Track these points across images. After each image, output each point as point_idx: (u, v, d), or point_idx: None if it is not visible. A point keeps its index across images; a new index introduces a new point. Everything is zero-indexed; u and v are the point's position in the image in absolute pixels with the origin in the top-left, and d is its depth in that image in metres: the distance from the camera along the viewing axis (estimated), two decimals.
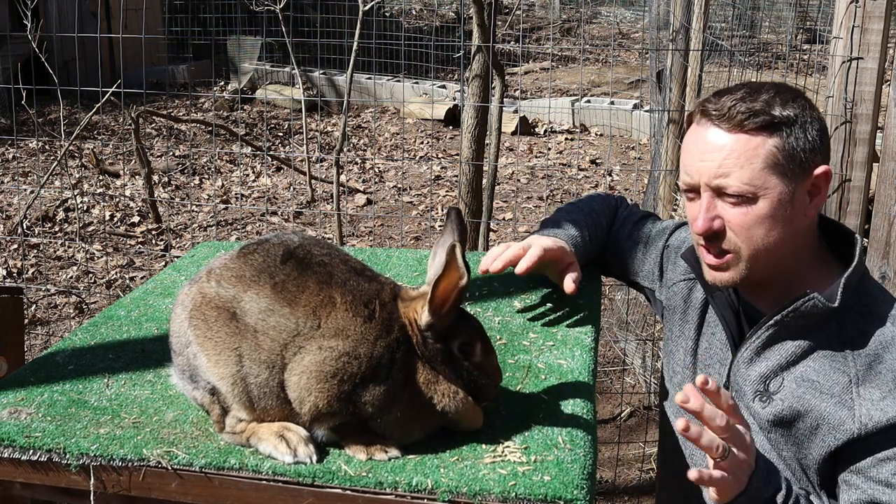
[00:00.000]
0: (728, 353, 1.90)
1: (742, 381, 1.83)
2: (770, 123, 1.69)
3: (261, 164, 8.93)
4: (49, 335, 5.50)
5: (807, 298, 1.71)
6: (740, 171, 1.69)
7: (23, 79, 6.31)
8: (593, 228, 2.17)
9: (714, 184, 1.73)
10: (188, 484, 1.44)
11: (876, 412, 1.65)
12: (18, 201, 7.59)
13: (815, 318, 1.73)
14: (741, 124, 1.70)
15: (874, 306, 1.76)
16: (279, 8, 6.93)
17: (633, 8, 17.10)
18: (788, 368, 1.77)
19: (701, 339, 1.99)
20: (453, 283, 1.42)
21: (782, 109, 1.70)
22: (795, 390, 1.74)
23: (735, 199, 1.72)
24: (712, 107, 1.74)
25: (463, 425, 1.50)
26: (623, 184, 8.64)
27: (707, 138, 1.74)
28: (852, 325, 1.73)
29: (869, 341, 1.72)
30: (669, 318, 2.09)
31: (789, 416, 1.74)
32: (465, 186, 4.52)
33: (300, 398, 1.44)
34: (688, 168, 1.79)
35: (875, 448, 1.66)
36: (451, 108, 10.62)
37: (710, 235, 1.76)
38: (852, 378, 1.70)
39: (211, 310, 1.49)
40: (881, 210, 3.05)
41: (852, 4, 3.00)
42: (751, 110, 1.69)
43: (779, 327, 1.77)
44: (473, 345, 1.50)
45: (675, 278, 2.08)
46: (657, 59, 6.06)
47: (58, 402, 1.62)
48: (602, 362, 5.04)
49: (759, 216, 1.71)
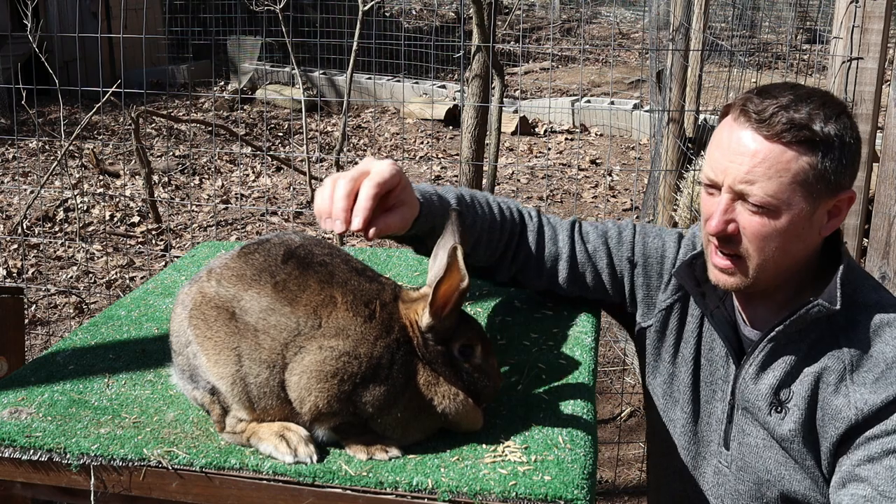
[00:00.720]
0: (730, 368, 1.89)
1: (753, 398, 1.81)
2: (809, 140, 1.64)
3: (261, 164, 8.93)
4: (49, 335, 5.50)
5: (811, 306, 1.70)
6: (767, 181, 1.65)
7: (23, 79, 6.32)
8: (471, 208, 1.88)
9: (738, 188, 1.68)
10: (189, 484, 1.44)
11: (871, 395, 1.66)
12: (18, 201, 7.59)
13: (815, 321, 1.74)
14: (779, 135, 1.64)
15: (860, 294, 1.75)
16: (279, 8, 6.93)
17: (633, 8, 17.10)
18: (795, 374, 1.76)
19: (701, 359, 1.96)
20: (454, 285, 1.42)
21: (824, 126, 1.64)
22: (804, 392, 1.74)
23: (756, 207, 1.68)
24: (753, 108, 1.67)
25: (463, 427, 1.50)
26: (623, 184, 8.64)
27: (741, 139, 1.68)
28: (842, 315, 1.72)
29: (859, 328, 1.72)
30: (656, 340, 2.01)
31: (806, 420, 1.74)
32: (465, 186, 4.52)
33: (300, 398, 1.44)
34: (714, 164, 1.73)
35: (866, 428, 1.66)
36: (451, 108, 10.62)
37: (722, 237, 1.74)
38: (847, 365, 1.70)
39: (211, 309, 1.49)
40: (881, 210, 3.05)
41: (852, 4, 3.01)
42: (792, 122, 1.63)
43: (780, 336, 1.76)
44: (474, 347, 1.50)
45: (664, 299, 2.00)
46: (657, 59, 6.06)
47: (58, 402, 1.62)
48: (602, 362, 5.04)
49: (776, 229, 1.68)
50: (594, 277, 1.99)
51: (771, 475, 1.82)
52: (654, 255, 2.00)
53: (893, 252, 3.04)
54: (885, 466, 1.62)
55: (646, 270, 2.00)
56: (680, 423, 1.99)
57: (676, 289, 1.97)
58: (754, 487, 1.86)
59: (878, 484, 1.61)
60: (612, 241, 2.00)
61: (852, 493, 1.63)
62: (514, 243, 1.96)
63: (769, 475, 1.82)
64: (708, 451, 1.96)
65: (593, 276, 1.99)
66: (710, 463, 1.96)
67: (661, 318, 1.99)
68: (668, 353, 2.00)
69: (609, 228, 2.03)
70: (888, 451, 1.63)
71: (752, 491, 1.87)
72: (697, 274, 1.90)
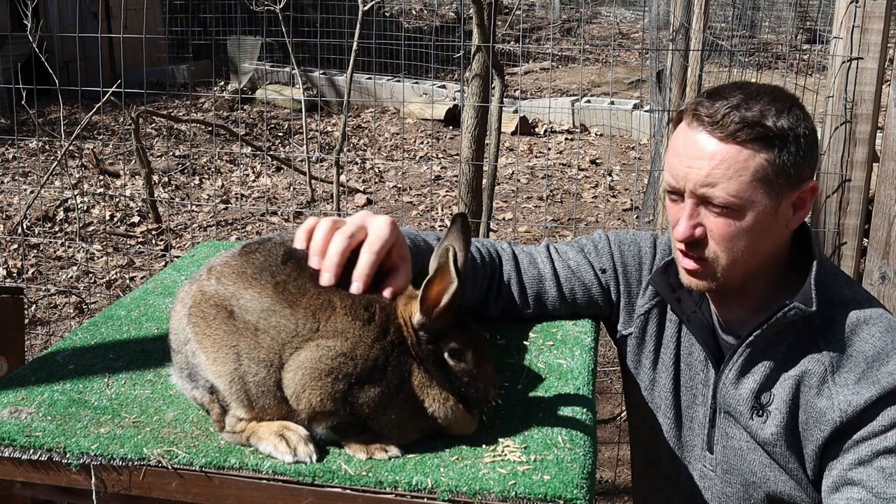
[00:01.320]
0: (710, 373, 1.89)
1: (734, 402, 1.81)
2: (763, 136, 1.64)
3: (261, 164, 8.93)
4: (49, 335, 5.50)
5: (787, 309, 1.69)
6: (728, 182, 1.65)
7: (23, 79, 6.31)
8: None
9: (700, 192, 1.69)
10: (188, 483, 1.44)
11: (853, 396, 1.66)
12: (18, 201, 7.59)
13: (791, 323, 1.73)
14: (734, 135, 1.64)
15: (834, 293, 1.75)
16: (279, 8, 6.93)
17: (633, 8, 17.10)
18: (775, 377, 1.76)
19: (681, 363, 1.95)
20: (444, 286, 1.42)
21: (776, 120, 1.65)
22: (785, 395, 1.74)
23: (720, 209, 1.68)
24: (705, 112, 1.68)
25: (453, 431, 1.49)
26: (623, 184, 8.64)
27: (697, 143, 1.69)
28: (818, 315, 1.71)
29: (836, 328, 1.72)
30: (636, 347, 2.01)
31: (788, 423, 1.74)
32: (465, 186, 4.52)
33: (296, 395, 1.44)
34: (674, 171, 1.74)
35: (852, 431, 1.66)
36: (451, 108, 10.62)
37: (691, 242, 1.74)
38: (827, 366, 1.70)
39: (210, 307, 1.49)
40: (881, 210, 3.06)
41: (852, 4, 3.01)
42: (744, 121, 1.64)
43: (758, 341, 1.76)
44: (465, 352, 1.48)
45: (642, 304, 1.99)
46: (657, 59, 6.07)
47: (58, 402, 1.62)
48: (602, 362, 5.04)
49: (742, 228, 1.69)
50: (584, 292, 1.99)
51: (756, 477, 1.82)
52: (632, 262, 2.00)
53: (893, 252, 3.04)
54: (877, 468, 1.62)
55: (626, 278, 2.00)
56: (663, 429, 1.99)
57: (654, 294, 1.97)
58: (741, 489, 1.86)
59: (871, 486, 1.61)
60: (592, 255, 2.00)
61: (847, 496, 1.63)
62: (496, 277, 1.97)
63: (754, 477, 1.82)
64: (692, 456, 1.96)
65: (583, 291, 1.98)
66: (695, 468, 1.96)
67: (640, 324, 1.99)
68: (648, 360, 2.00)
69: (584, 244, 2.04)
70: (878, 452, 1.63)
71: (740, 493, 1.86)
72: (672, 280, 1.89)
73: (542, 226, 7.08)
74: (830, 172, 3.18)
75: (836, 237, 3.20)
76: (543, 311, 1.99)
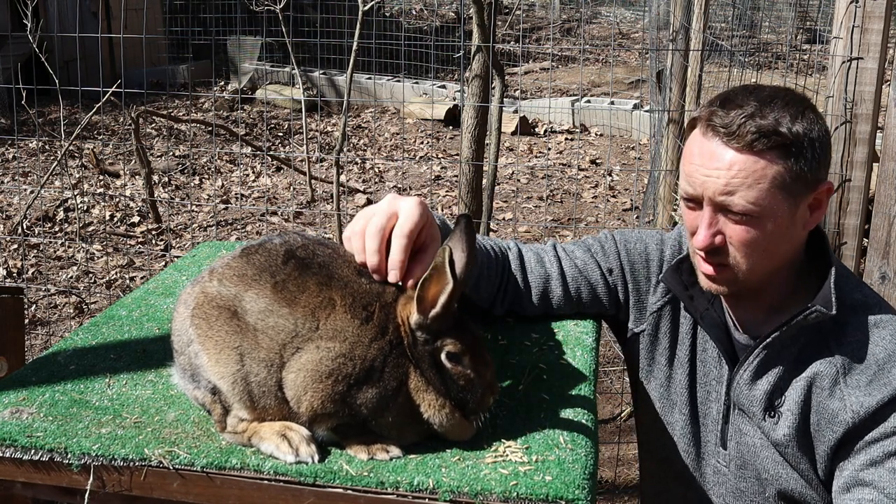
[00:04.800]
0: (723, 370, 1.89)
1: (748, 402, 1.82)
2: (780, 145, 1.64)
3: (261, 164, 8.93)
4: (49, 335, 5.50)
5: (808, 312, 1.70)
6: (747, 190, 1.65)
7: (23, 79, 6.31)
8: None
9: (718, 200, 1.69)
10: (190, 483, 1.44)
11: (865, 398, 1.66)
12: (18, 201, 7.59)
13: (807, 326, 1.74)
14: (751, 145, 1.64)
15: (846, 296, 1.76)
16: (279, 8, 6.93)
17: (633, 8, 17.10)
18: (788, 379, 1.77)
19: (696, 360, 1.96)
20: (440, 286, 1.42)
21: (791, 126, 1.65)
22: (797, 397, 1.75)
23: (739, 216, 1.68)
24: (720, 122, 1.67)
25: (449, 437, 1.48)
26: (623, 184, 8.64)
27: (714, 153, 1.68)
28: (830, 319, 1.72)
29: (847, 330, 1.73)
30: (650, 344, 2.01)
31: (800, 424, 1.75)
32: (465, 186, 4.52)
33: (297, 397, 1.44)
34: (691, 179, 1.73)
35: (864, 432, 1.67)
36: (451, 108, 10.62)
37: (711, 250, 1.74)
38: (839, 369, 1.71)
39: (212, 309, 1.49)
40: (881, 210, 3.05)
41: (852, 4, 3.00)
42: (760, 130, 1.63)
43: (775, 343, 1.77)
44: (462, 356, 1.46)
45: (655, 302, 2.00)
46: (657, 59, 6.07)
47: (59, 402, 1.62)
48: (602, 362, 5.04)
49: (761, 234, 1.69)
50: (590, 292, 1.99)
51: (768, 474, 1.83)
52: (639, 260, 2.00)
53: (893, 252, 3.04)
54: (888, 469, 1.63)
55: (634, 276, 2.00)
56: (679, 425, 1.99)
57: (666, 291, 1.97)
58: (756, 484, 1.87)
59: (883, 487, 1.62)
60: (599, 255, 2.01)
61: (858, 497, 1.64)
62: (505, 275, 1.97)
63: (767, 474, 1.83)
64: (706, 452, 1.97)
65: (589, 290, 1.99)
66: (709, 463, 1.96)
67: (653, 321, 1.99)
68: (663, 357, 2.00)
69: (591, 243, 2.04)
70: (889, 453, 1.64)
71: (755, 487, 1.87)
72: (684, 278, 1.90)
73: (542, 226, 7.08)
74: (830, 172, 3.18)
75: (836, 237, 3.20)
76: (548, 309, 1.99)
